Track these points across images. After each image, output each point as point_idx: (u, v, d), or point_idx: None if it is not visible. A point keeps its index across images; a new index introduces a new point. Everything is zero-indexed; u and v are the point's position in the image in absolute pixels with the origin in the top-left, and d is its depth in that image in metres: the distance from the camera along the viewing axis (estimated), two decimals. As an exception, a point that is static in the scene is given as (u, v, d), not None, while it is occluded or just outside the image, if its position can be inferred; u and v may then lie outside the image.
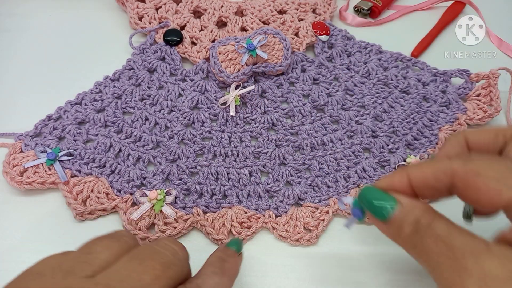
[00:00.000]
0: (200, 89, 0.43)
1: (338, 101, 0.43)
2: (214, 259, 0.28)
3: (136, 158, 0.39)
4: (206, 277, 0.26)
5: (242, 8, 0.48)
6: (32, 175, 0.36)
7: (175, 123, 0.41)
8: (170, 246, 0.25)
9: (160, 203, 0.36)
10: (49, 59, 0.46)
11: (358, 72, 0.46)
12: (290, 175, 0.39)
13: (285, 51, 0.44)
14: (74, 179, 0.37)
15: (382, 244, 0.36)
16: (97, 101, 0.41)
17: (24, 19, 0.49)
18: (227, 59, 0.43)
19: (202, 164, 0.39)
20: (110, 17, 0.49)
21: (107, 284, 0.21)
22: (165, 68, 0.44)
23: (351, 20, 0.52)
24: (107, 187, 0.37)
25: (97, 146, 0.39)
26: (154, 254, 0.24)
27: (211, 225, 0.36)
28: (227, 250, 0.30)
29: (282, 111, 0.42)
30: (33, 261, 0.32)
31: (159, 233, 0.35)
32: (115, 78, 0.43)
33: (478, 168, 0.23)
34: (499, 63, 0.49)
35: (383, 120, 0.42)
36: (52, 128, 0.39)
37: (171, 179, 0.38)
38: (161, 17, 0.46)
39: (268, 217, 0.36)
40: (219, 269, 0.27)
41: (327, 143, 0.41)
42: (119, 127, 0.40)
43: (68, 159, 0.38)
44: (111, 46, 0.47)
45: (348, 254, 0.36)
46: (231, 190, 0.38)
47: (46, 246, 0.35)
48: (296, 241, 0.36)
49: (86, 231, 0.36)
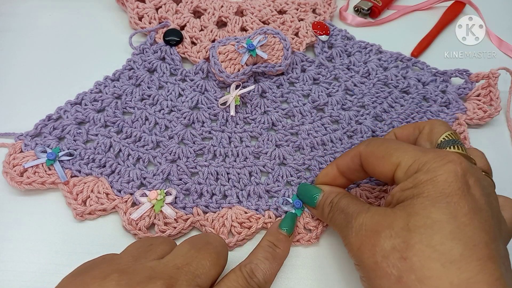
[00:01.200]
0: (200, 89, 0.43)
1: (338, 101, 0.43)
2: (266, 244, 0.31)
3: (136, 158, 0.39)
4: (258, 261, 0.29)
5: (242, 8, 0.48)
6: (32, 175, 0.36)
7: (175, 123, 0.41)
8: (218, 239, 0.30)
9: (160, 203, 0.36)
10: (49, 59, 0.46)
11: (358, 72, 0.46)
12: (290, 175, 0.39)
13: (285, 51, 0.44)
14: (74, 179, 0.37)
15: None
16: (97, 101, 0.41)
17: (25, 18, 0.49)
18: (227, 59, 0.43)
19: (202, 164, 0.39)
20: (110, 17, 0.49)
21: (175, 265, 0.25)
22: (165, 68, 0.44)
23: (351, 20, 0.52)
24: (107, 187, 0.37)
25: (97, 146, 0.39)
26: (208, 244, 0.28)
27: (211, 225, 0.36)
28: (279, 234, 0.33)
29: (282, 111, 0.42)
30: (32, 261, 0.32)
31: (159, 233, 0.35)
32: (115, 78, 0.43)
33: (372, 149, 0.31)
34: (499, 63, 0.49)
35: (383, 120, 0.42)
36: (52, 128, 0.39)
37: (171, 179, 0.38)
38: (161, 17, 0.46)
39: (268, 218, 0.36)
40: (270, 254, 0.30)
41: (327, 143, 0.41)
42: (119, 127, 0.40)
43: (68, 159, 0.38)
44: (111, 46, 0.47)
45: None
46: (231, 190, 0.38)
47: (46, 246, 0.35)
48: (296, 242, 0.36)
49: (86, 231, 0.36)
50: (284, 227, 0.33)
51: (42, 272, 0.34)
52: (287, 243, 0.32)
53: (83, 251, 0.35)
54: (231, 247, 0.35)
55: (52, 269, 0.34)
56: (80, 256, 0.30)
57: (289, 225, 0.34)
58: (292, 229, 0.34)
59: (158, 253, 0.27)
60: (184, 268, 0.25)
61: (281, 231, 0.33)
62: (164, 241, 0.29)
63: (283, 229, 0.33)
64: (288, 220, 0.34)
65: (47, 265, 0.34)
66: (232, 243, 0.35)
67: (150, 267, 0.25)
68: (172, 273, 0.25)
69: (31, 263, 0.34)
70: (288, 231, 0.33)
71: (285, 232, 0.33)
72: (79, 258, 0.28)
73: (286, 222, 0.34)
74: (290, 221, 0.34)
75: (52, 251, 0.35)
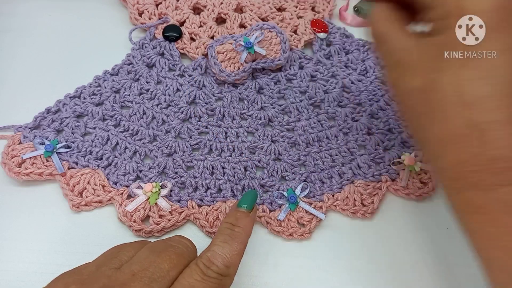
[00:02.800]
0: (198, 84, 0.43)
1: (334, 98, 0.43)
2: (224, 227, 0.30)
3: (133, 151, 0.39)
4: (216, 247, 0.28)
5: (241, 5, 0.48)
6: (30, 166, 0.37)
7: (172, 117, 0.41)
8: (181, 241, 0.29)
9: (155, 195, 0.36)
10: (49, 54, 0.46)
11: (355, 69, 0.46)
12: (285, 170, 0.39)
13: (282, 44, 0.44)
14: (71, 171, 0.37)
15: (377, 239, 0.37)
16: (96, 95, 0.42)
17: (25, 15, 0.49)
18: (226, 58, 0.43)
19: (198, 158, 0.39)
20: (110, 13, 0.50)
21: (131, 271, 0.25)
22: (164, 63, 0.44)
23: (351, 20, 0.52)
24: (104, 179, 0.37)
25: (94, 139, 0.39)
26: (169, 247, 0.27)
27: (205, 218, 0.36)
28: (237, 212, 0.31)
29: (279, 107, 0.43)
30: (27, 249, 0.33)
31: (154, 225, 0.35)
32: (114, 73, 0.44)
33: None
34: (498, 63, 0.49)
35: (379, 117, 0.43)
36: (50, 120, 0.40)
37: (167, 173, 0.38)
38: (161, 13, 0.47)
39: (262, 212, 0.37)
40: (228, 237, 0.29)
41: (322, 139, 0.41)
42: (117, 120, 0.41)
43: (66, 151, 0.38)
44: (111, 41, 0.47)
45: (342, 248, 0.36)
46: (225, 184, 0.38)
47: (42, 235, 0.35)
48: (289, 236, 0.36)
49: (82, 222, 0.36)
50: (243, 204, 0.32)
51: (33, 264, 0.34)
52: (247, 219, 0.30)
53: (81, 247, 0.35)
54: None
55: (50, 265, 0.34)
56: (78, 249, 0.31)
57: (248, 201, 0.32)
58: (252, 204, 0.32)
59: (122, 260, 0.27)
60: (140, 274, 0.25)
61: (239, 209, 0.31)
62: (132, 247, 0.28)
63: (242, 207, 0.31)
64: (247, 196, 0.32)
65: (44, 260, 0.35)
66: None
67: (107, 275, 0.25)
68: (126, 280, 0.25)
69: (25, 250, 0.35)
70: (248, 207, 0.31)
71: (245, 209, 0.31)
72: (78, 258, 0.29)
73: (245, 199, 0.32)
74: (249, 197, 0.32)
75: (47, 241, 0.35)
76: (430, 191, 0.38)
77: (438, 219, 0.38)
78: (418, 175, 0.39)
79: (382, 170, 0.39)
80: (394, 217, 0.38)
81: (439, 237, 0.37)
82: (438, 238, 0.37)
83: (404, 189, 0.38)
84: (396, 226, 0.38)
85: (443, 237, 0.37)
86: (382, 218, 0.38)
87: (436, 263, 0.36)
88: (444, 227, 0.37)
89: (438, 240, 0.37)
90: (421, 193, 0.38)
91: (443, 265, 0.36)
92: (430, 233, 0.37)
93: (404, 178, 0.39)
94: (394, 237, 0.37)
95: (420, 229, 0.37)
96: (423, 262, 0.36)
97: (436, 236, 0.37)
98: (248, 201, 0.32)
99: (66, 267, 0.27)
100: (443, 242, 0.37)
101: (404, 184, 0.39)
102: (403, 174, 0.39)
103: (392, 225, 0.38)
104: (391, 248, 0.37)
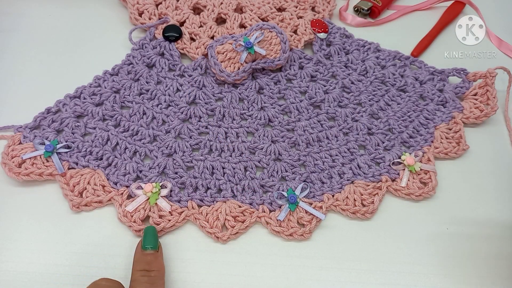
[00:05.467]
0: (198, 84, 0.43)
1: (334, 98, 0.43)
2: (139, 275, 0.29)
3: (133, 151, 0.39)
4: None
5: (241, 5, 0.48)
6: (30, 166, 0.37)
7: (172, 117, 0.41)
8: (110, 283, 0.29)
9: (155, 196, 0.36)
10: (49, 54, 0.46)
11: (355, 69, 0.46)
12: (285, 170, 0.39)
13: (282, 44, 0.44)
14: (71, 171, 0.37)
15: (377, 239, 0.37)
16: (96, 95, 0.42)
17: (25, 15, 0.49)
18: (226, 58, 0.43)
19: (198, 158, 0.39)
20: (110, 13, 0.50)
21: None
22: (164, 63, 0.44)
23: (351, 20, 0.52)
24: (104, 180, 0.37)
25: (94, 139, 0.39)
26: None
27: (205, 218, 0.36)
28: (146, 256, 0.31)
29: (279, 107, 0.43)
30: (27, 249, 0.33)
31: (154, 225, 0.35)
32: (114, 73, 0.44)
33: None
34: (499, 63, 0.49)
35: (379, 117, 0.43)
36: (50, 120, 0.40)
37: (167, 173, 0.38)
38: (161, 13, 0.47)
39: (262, 212, 0.37)
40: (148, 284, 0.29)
41: (322, 139, 0.41)
42: (117, 121, 0.40)
43: (66, 151, 0.38)
44: (111, 41, 0.47)
45: (342, 248, 0.36)
46: (225, 185, 0.38)
47: (42, 235, 0.35)
48: (289, 236, 0.36)
49: (82, 222, 0.36)
50: (147, 245, 0.31)
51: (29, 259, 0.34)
52: (158, 259, 0.30)
53: (81, 247, 0.35)
54: (224, 240, 0.35)
55: (50, 265, 0.34)
56: (78, 249, 0.31)
57: (151, 241, 0.32)
58: (156, 242, 0.32)
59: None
60: None
61: (147, 252, 0.31)
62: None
63: (147, 249, 0.31)
64: (149, 237, 0.32)
65: (44, 260, 0.34)
66: (225, 237, 0.35)
67: None
68: None
69: (24, 250, 0.35)
70: (153, 247, 0.31)
71: (151, 251, 0.31)
72: (78, 258, 0.29)
73: (148, 240, 0.32)
74: (151, 237, 0.32)
75: (47, 241, 0.35)
76: (430, 191, 0.38)
77: (438, 219, 0.38)
78: (418, 175, 0.39)
79: (382, 170, 0.39)
80: (394, 217, 0.38)
81: (439, 237, 0.37)
82: (438, 238, 0.37)
83: (404, 189, 0.38)
84: (396, 226, 0.38)
85: (443, 237, 0.37)
86: (382, 218, 0.38)
87: (436, 263, 0.36)
88: (444, 227, 0.38)
89: (438, 240, 0.37)
90: (421, 193, 0.38)
91: (443, 265, 0.36)
92: (430, 233, 0.37)
93: (404, 178, 0.39)
94: (394, 237, 0.37)
95: (420, 229, 0.37)
96: (423, 262, 0.36)
97: (435, 236, 0.37)
98: (151, 241, 0.32)
99: (66, 267, 0.27)
100: (443, 242, 0.37)
101: (404, 184, 0.39)
102: (403, 174, 0.39)
103: (392, 225, 0.38)
104: (391, 248, 0.37)
